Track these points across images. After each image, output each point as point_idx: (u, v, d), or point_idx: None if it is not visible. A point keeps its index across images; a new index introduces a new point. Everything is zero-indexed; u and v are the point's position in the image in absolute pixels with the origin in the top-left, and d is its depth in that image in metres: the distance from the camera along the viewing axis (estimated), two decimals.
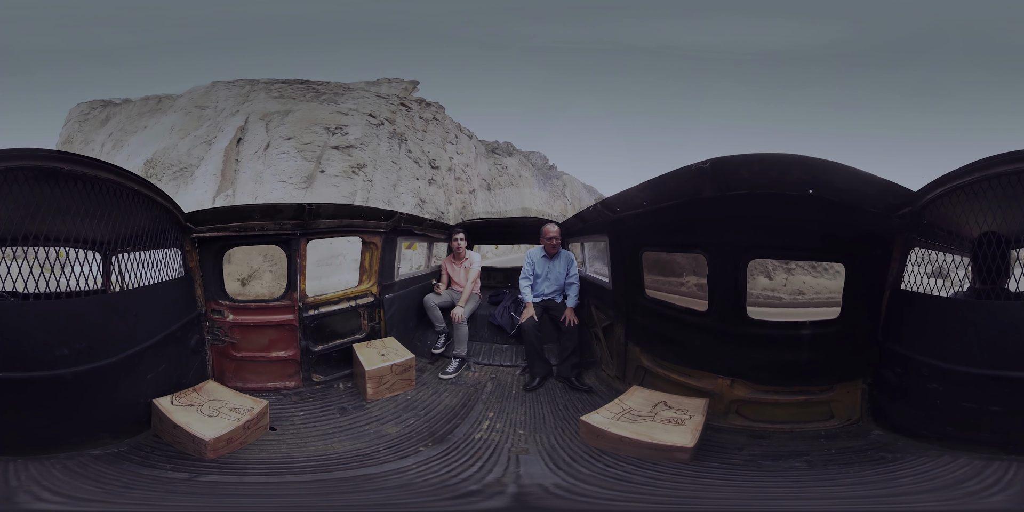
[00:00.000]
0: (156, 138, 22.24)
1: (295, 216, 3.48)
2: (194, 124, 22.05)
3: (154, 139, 22.23)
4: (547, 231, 4.31)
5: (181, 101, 23.89)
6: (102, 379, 2.36)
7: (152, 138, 22.45)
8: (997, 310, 2.15)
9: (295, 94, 22.45)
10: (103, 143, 24.62)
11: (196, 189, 19.04)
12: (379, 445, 2.79)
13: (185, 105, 23.37)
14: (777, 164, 2.31)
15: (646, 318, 3.42)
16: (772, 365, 2.75)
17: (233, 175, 19.32)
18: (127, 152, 22.53)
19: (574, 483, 2.25)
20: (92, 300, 2.49)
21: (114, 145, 23.73)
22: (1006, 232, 2.29)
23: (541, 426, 3.08)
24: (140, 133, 23.52)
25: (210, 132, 21.21)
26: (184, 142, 21.23)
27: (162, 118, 23.56)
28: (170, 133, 21.97)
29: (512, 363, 4.44)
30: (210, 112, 22.39)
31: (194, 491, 2.17)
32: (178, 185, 19.49)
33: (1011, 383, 2.01)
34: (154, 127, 23.26)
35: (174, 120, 22.66)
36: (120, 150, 23.20)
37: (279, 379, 3.64)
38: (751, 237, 2.68)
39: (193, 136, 21.34)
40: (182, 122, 22.34)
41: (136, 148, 22.45)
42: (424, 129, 25.03)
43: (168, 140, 21.64)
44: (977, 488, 1.85)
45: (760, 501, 2.10)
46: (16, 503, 1.77)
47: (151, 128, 23.31)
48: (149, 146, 21.90)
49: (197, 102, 23.06)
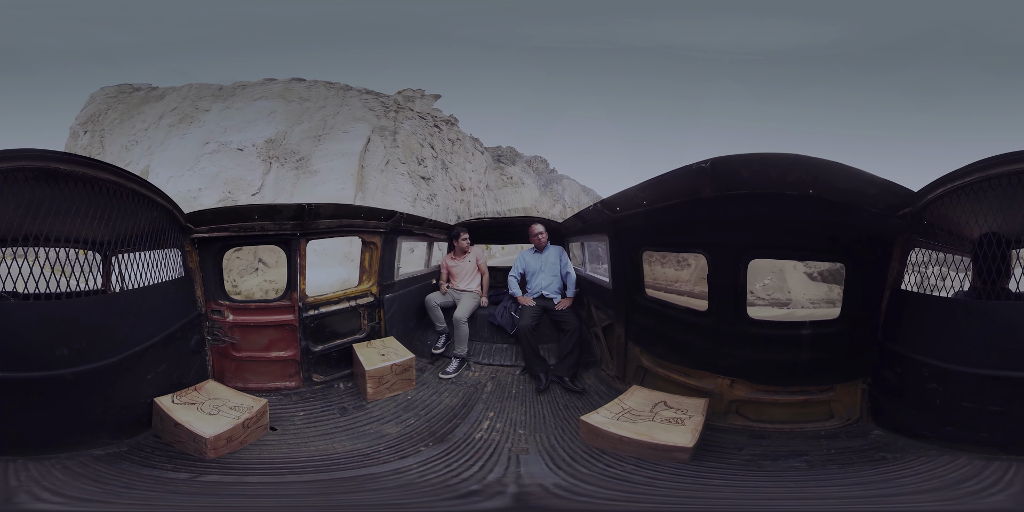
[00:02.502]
0: (249, 121, 22.96)
1: (295, 216, 3.48)
2: (295, 117, 22.88)
3: (247, 122, 22.91)
4: (532, 229, 4.72)
5: (274, 88, 24.66)
6: (102, 379, 2.36)
7: (241, 120, 23.13)
8: (997, 310, 2.15)
9: (375, 107, 23.90)
10: (162, 115, 25.06)
11: (326, 185, 20.18)
12: (379, 445, 2.79)
13: (281, 92, 24.20)
14: (777, 164, 2.31)
15: (646, 318, 3.42)
16: (772, 365, 2.75)
17: (363, 182, 20.74)
18: (208, 128, 23.15)
19: (574, 483, 2.25)
20: (92, 300, 2.49)
21: (180, 120, 24.30)
22: (1006, 232, 2.29)
23: (541, 426, 3.08)
24: (213, 114, 24.19)
25: (317, 129, 22.23)
26: (294, 132, 22.08)
27: (235, 102, 24.44)
28: (268, 118, 22.73)
29: (512, 363, 4.44)
30: (309, 106, 23.25)
31: (194, 491, 2.17)
32: (298, 176, 20.52)
33: (1011, 383, 2.01)
34: (231, 110, 23.98)
35: (272, 106, 23.50)
36: (194, 125, 23.84)
37: (279, 379, 3.64)
38: (751, 237, 2.67)
39: (299, 129, 22.17)
40: (284, 110, 23.22)
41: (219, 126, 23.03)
42: (451, 151, 26.30)
43: (273, 126, 22.33)
44: (977, 488, 1.85)
45: (760, 501, 2.10)
46: (16, 503, 1.77)
47: (230, 110, 24.00)
48: (245, 127, 22.63)
49: (299, 94, 23.94)
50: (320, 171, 20.73)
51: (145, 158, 23.09)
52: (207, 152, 21.78)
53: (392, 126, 23.46)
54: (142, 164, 22.78)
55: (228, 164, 21.16)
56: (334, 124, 22.54)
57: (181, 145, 22.71)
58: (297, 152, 21.32)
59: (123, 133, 25.36)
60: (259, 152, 21.39)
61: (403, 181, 22.23)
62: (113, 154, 24.29)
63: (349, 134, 22.20)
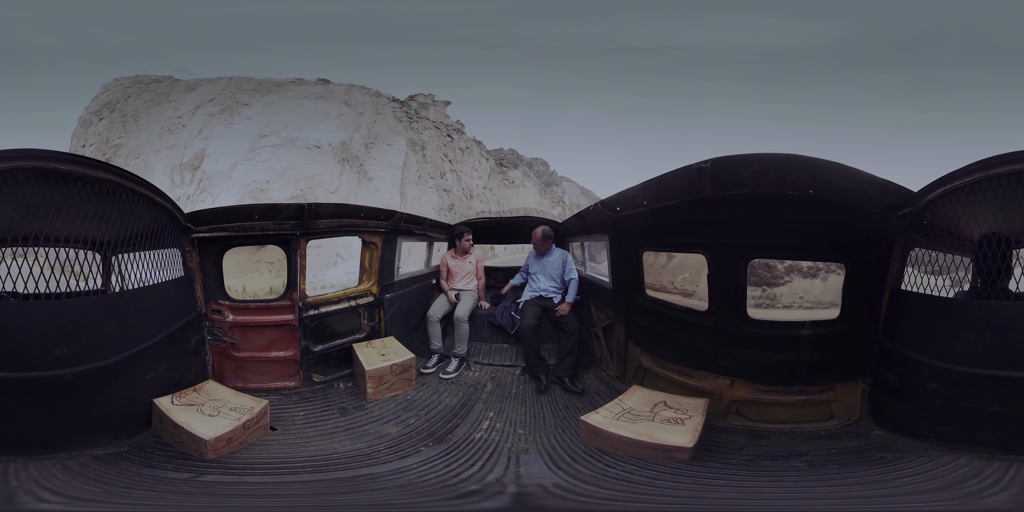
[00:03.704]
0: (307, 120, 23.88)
1: (295, 216, 3.48)
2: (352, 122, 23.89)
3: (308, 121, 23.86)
4: (533, 235, 4.64)
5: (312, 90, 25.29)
6: (102, 379, 2.36)
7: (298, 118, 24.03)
8: (997, 310, 2.15)
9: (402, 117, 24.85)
10: (199, 105, 25.91)
11: (379, 193, 21.64)
12: (379, 445, 2.79)
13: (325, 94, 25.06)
14: (777, 164, 2.31)
15: (646, 318, 3.42)
16: (772, 365, 2.75)
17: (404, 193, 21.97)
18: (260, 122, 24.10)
19: (574, 483, 2.25)
20: (92, 300, 2.49)
21: (221, 110, 25.35)
22: (1006, 232, 2.29)
23: (541, 426, 3.08)
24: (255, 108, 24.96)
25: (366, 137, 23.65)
26: (355, 138, 23.09)
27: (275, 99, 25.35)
28: (337, 121, 23.87)
29: (512, 363, 4.43)
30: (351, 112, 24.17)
31: (194, 491, 2.17)
32: (360, 181, 21.55)
33: (1011, 383, 2.01)
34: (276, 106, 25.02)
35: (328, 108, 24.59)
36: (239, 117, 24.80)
37: (279, 379, 3.64)
38: (751, 237, 2.67)
39: (358, 135, 23.41)
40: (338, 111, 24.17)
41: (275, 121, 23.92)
42: (461, 160, 27.03)
43: (342, 130, 23.40)
44: (977, 488, 1.86)
45: (760, 501, 2.10)
46: (16, 503, 1.78)
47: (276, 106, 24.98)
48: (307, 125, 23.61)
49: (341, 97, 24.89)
50: (375, 179, 22.05)
51: (199, 142, 23.90)
52: (267, 145, 22.52)
53: (420, 139, 24.53)
54: (196, 147, 23.74)
55: (299, 161, 21.97)
56: (377, 134, 23.92)
57: (229, 134, 23.76)
58: (359, 157, 22.24)
59: (155, 118, 26.06)
60: (334, 152, 22.13)
61: (432, 194, 23.82)
62: (152, 135, 25.17)
63: (393, 147, 23.70)
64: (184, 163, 23.98)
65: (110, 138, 26.06)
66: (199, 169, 23.75)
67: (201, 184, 23.51)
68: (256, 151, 22.22)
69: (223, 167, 22.54)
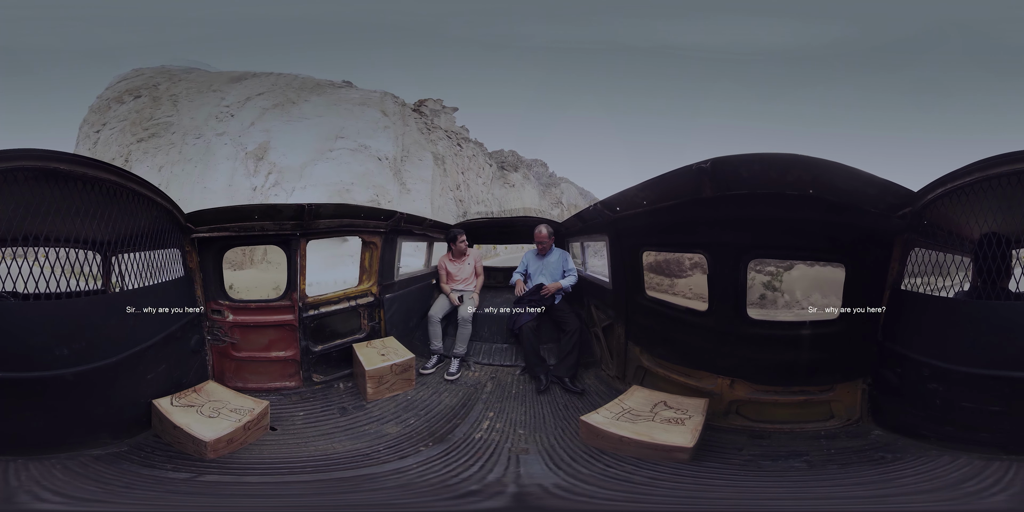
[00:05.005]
0: (368, 127, 24.79)
1: (295, 216, 3.48)
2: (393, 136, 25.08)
3: (369, 129, 24.75)
4: (536, 234, 4.62)
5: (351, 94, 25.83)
6: (102, 379, 2.36)
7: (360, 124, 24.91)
8: (997, 310, 2.15)
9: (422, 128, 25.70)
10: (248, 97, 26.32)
11: (415, 203, 22.56)
12: (379, 445, 2.79)
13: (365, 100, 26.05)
14: (777, 164, 2.31)
15: (646, 318, 3.42)
16: (772, 365, 2.75)
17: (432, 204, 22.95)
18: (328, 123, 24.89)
19: (574, 483, 2.25)
20: (92, 300, 2.50)
21: (274, 105, 25.84)
22: (1006, 232, 2.29)
23: (541, 426, 3.08)
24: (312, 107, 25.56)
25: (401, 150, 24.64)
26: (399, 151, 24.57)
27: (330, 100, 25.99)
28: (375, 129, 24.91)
29: (512, 363, 4.44)
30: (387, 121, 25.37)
31: (194, 491, 2.17)
32: (402, 192, 22.89)
33: (1011, 383, 2.02)
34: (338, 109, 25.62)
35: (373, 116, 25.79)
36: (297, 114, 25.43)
37: (279, 379, 3.64)
38: (751, 237, 2.67)
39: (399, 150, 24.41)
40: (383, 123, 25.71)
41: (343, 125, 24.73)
42: (467, 167, 27.67)
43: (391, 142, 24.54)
44: (977, 488, 1.86)
45: (760, 501, 2.10)
46: (16, 503, 1.78)
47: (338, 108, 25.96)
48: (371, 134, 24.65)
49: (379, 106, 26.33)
50: (412, 191, 22.66)
51: (258, 133, 24.31)
52: (344, 147, 23.04)
53: (439, 152, 25.32)
54: (256, 138, 24.12)
55: (373, 168, 22.64)
56: (408, 146, 25.23)
57: (290, 130, 24.11)
58: (400, 172, 23.04)
59: (199, 105, 26.35)
60: (391, 165, 22.95)
61: (452, 205, 24.75)
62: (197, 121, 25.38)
63: (423, 162, 24.59)
64: (249, 152, 24.09)
65: (154, 115, 25.98)
66: (263, 160, 23.90)
67: (271, 177, 23.64)
68: (334, 152, 22.70)
69: (293, 163, 22.85)
